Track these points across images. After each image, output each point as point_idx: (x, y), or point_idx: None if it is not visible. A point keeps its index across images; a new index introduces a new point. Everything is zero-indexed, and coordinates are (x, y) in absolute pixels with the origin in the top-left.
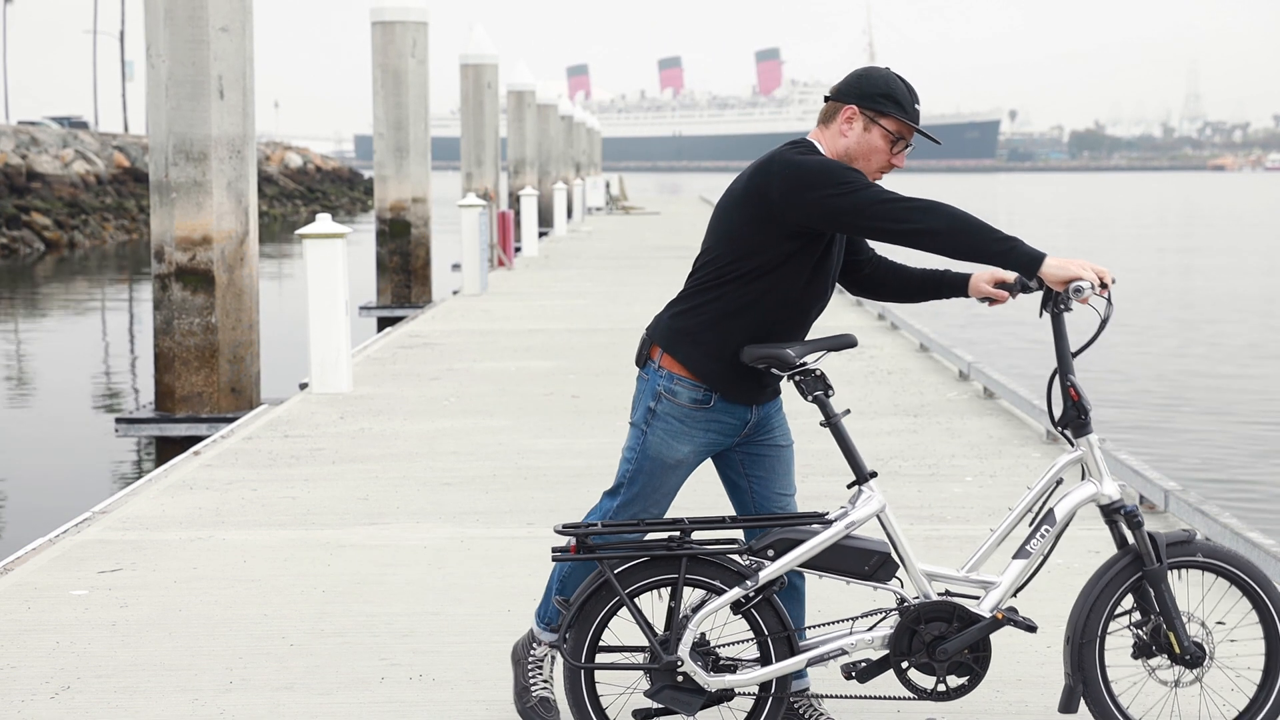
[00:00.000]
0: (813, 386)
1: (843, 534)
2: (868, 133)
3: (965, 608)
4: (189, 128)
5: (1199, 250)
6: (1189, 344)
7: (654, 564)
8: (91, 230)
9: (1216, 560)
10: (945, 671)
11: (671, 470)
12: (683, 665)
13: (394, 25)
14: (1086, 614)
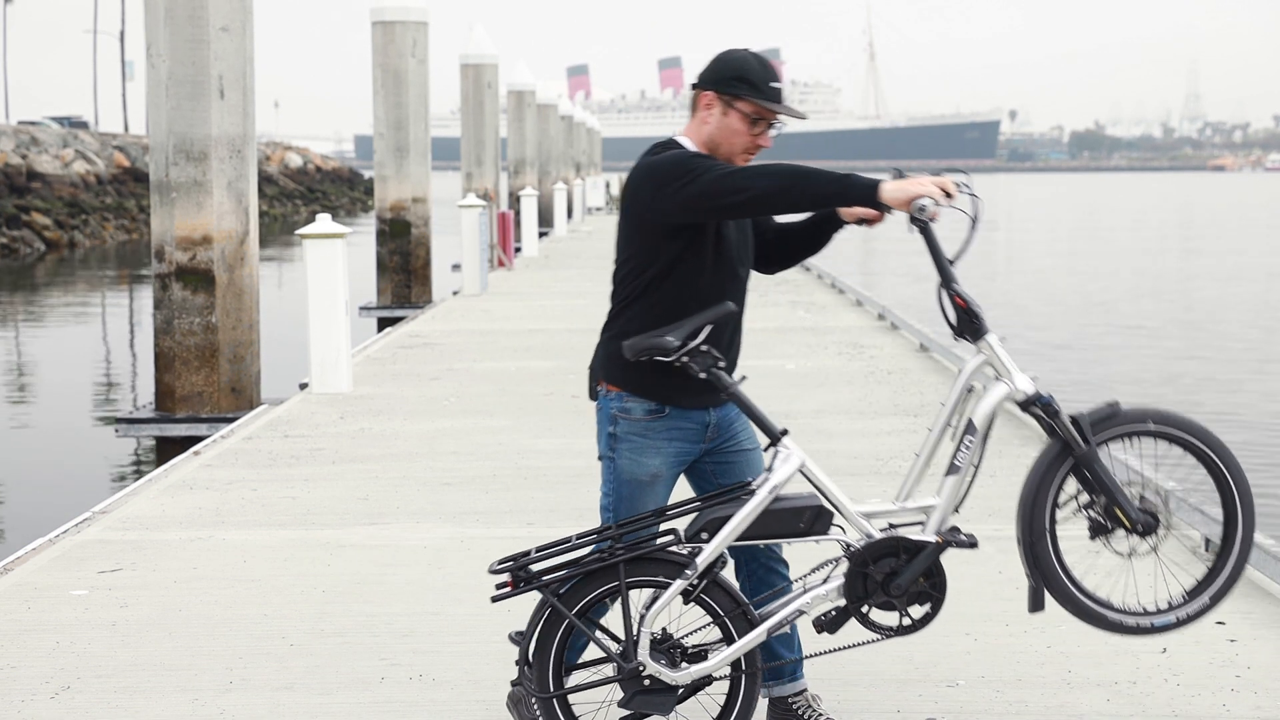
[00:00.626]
0: (702, 363)
1: (769, 498)
2: (726, 117)
3: (908, 538)
4: (189, 127)
5: (1199, 250)
6: (1189, 344)
7: (594, 577)
8: (92, 230)
9: (1170, 428)
10: (905, 605)
11: (648, 488)
12: (645, 669)
13: (394, 25)
14: (1030, 511)
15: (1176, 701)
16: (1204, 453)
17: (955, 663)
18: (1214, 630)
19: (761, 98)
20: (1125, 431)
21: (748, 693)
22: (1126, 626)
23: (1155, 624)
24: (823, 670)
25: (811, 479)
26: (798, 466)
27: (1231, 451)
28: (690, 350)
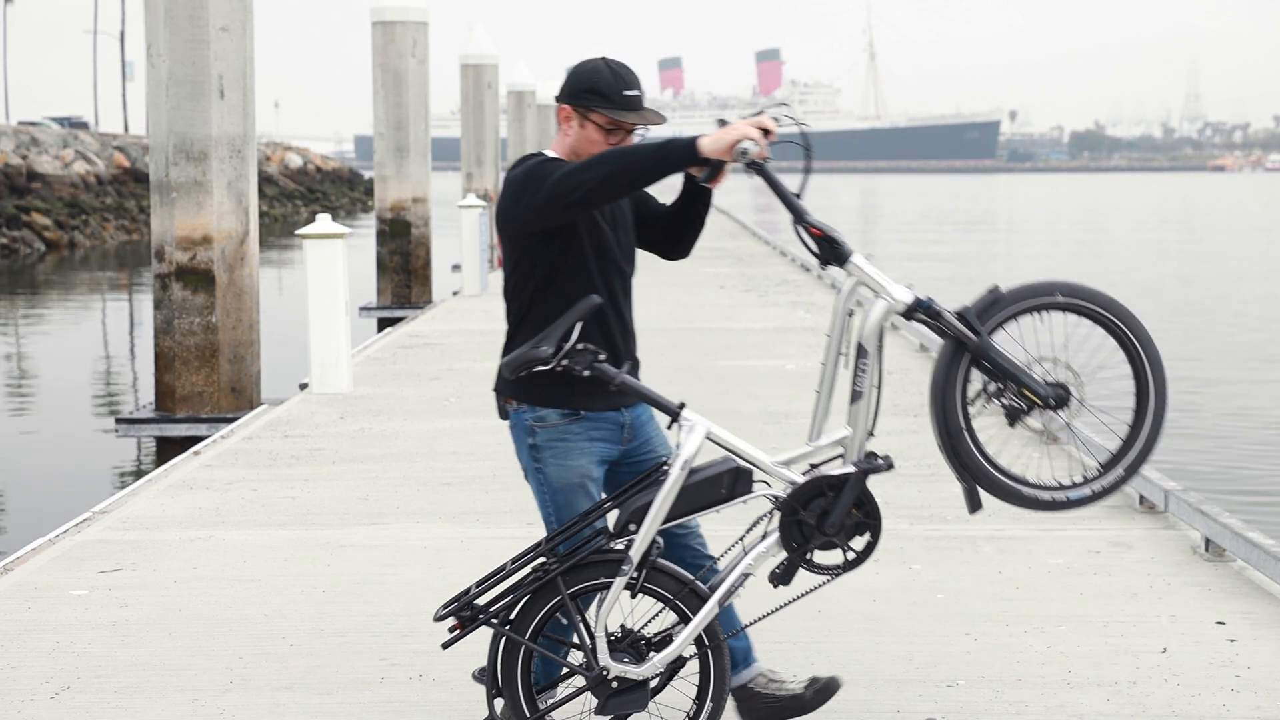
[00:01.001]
0: (583, 361)
1: (683, 474)
2: (583, 129)
3: (830, 475)
4: (189, 127)
5: (1199, 251)
6: (1190, 345)
7: (538, 596)
8: (92, 230)
9: (1078, 300)
10: (845, 541)
11: (582, 490)
12: (610, 672)
13: (394, 25)
14: (942, 414)
15: (1176, 701)
16: (1113, 323)
17: (955, 663)
18: (1214, 630)
19: (613, 108)
20: (1032, 306)
21: (718, 665)
22: (1041, 501)
23: (1070, 497)
24: (822, 670)
25: (720, 442)
26: (704, 435)
27: (1141, 322)
28: (567, 353)
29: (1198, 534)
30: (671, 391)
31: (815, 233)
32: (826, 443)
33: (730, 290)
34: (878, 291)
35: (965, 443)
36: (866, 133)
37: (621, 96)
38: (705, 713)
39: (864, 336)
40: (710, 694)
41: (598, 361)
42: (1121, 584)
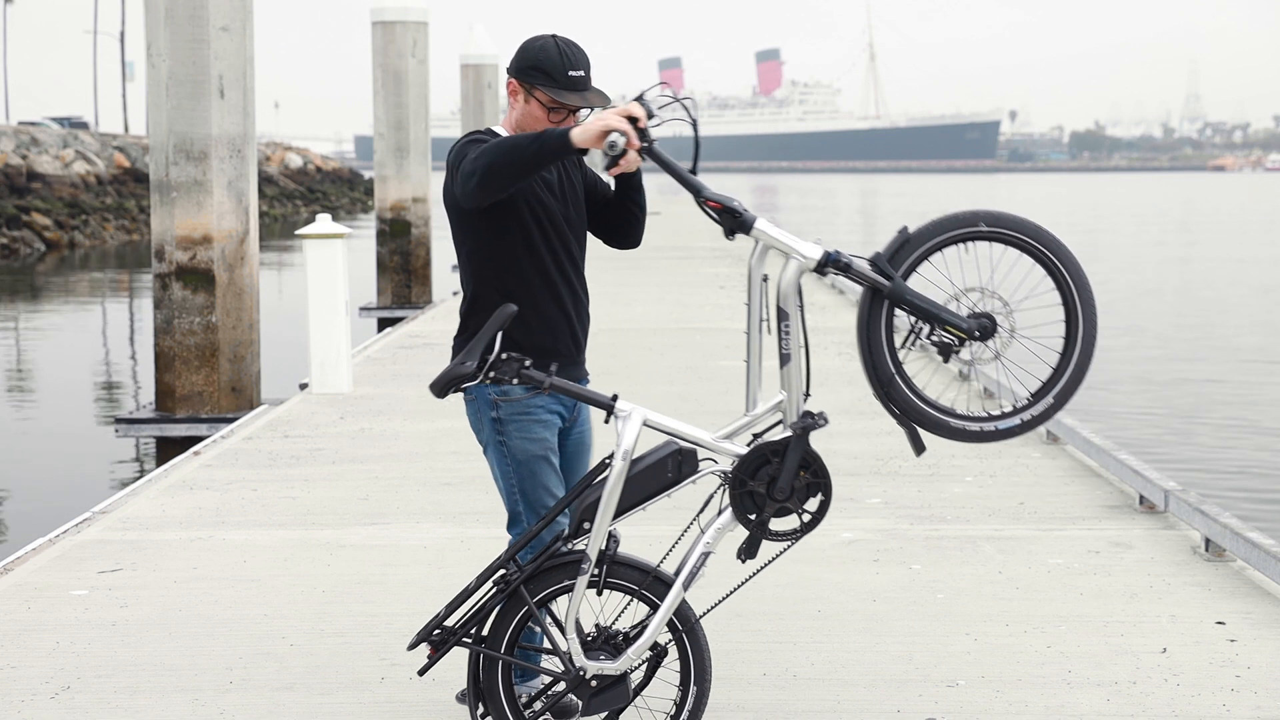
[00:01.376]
0: (510, 370)
1: (626, 465)
2: (528, 104)
3: (772, 441)
4: (189, 127)
5: (1199, 251)
6: (1190, 345)
7: (505, 610)
8: (92, 230)
9: (1002, 229)
10: (798, 504)
11: (544, 461)
12: (587, 672)
13: (394, 25)
14: (870, 363)
15: (1176, 701)
16: (1040, 251)
17: (955, 663)
18: (1214, 630)
19: (556, 87)
20: (956, 238)
21: (695, 648)
22: (970, 433)
23: (999, 428)
24: (822, 670)
25: (658, 427)
26: (641, 422)
27: (1068, 249)
28: (492, 365)
29: (1198, 534)
30: (672, 392)
31: (715, 206)
32: (763, 410)
33: (731, 290)
34: (787, 253)
35: (899, 388)
36: (866, 133)
37: (566, 77)
38: (690, 697)
39: (782, 299)
40: (693, 678)
41: (524, 369)
42: (1121, 584)
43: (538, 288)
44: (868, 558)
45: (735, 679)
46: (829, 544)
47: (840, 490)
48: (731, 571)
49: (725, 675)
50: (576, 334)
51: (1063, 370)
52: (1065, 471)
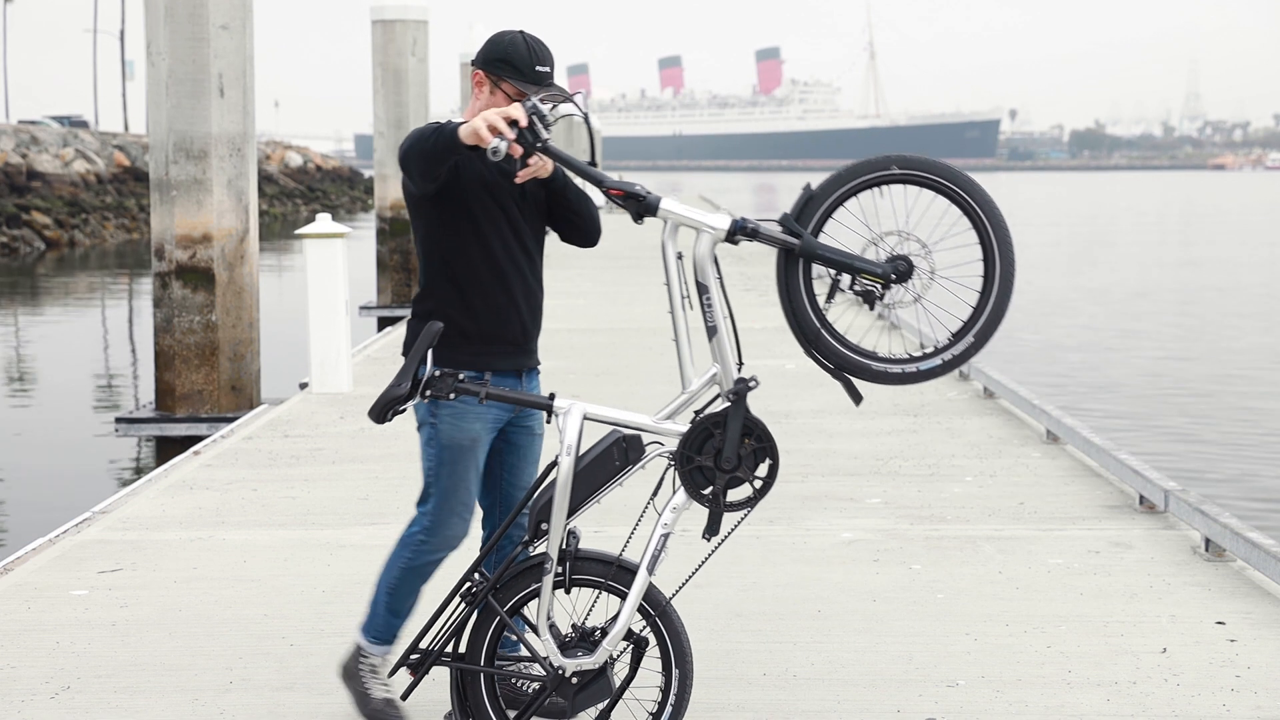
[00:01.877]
0: (445, 387)
1: (573, 460)
2: (494, 95)
3: (713, 414)
4: (189, 125)
5: (1200, 250)
6: (1190, 344)
7: (479, 624)
8: (92, 229)
9: (914, 170)
10: (749, 471)
11: (469, 453)
12: (566, 670)
13: (394, 24)
14: (795, 323)
15: (1176, 701)
16: (954, 191)
17: (955, 663)
18: (1214, 630)
19: (523, 80)
20: (869, 182)
21: (670, 629)
22: (892, 375)
23: (921, 369)
24: (822, 670)
25: (599, 418)
26: (581, 417)
27: (982, 188)
28: (427, 383)
29: (1198, 534)
30: (671, 392)
31: (618, 194)
32: (699, 385)
33: (730, 290)
34: (697, 227)
35: (825, 342)
36: (866, 131)
37: (533, 71)
38: (674, 680)
39: (699, 273)
40: (673, 660)
41: (459, 383)
42: (1121, 584)
43: (486, 277)
44: (868, 558)
45: (735, 679)
46: (829, 544)
47: (840, 490)
48: (697, 552)
49: (725, 675)
50: (525, 323)
51: (982, 309)
52: (1065, 471)
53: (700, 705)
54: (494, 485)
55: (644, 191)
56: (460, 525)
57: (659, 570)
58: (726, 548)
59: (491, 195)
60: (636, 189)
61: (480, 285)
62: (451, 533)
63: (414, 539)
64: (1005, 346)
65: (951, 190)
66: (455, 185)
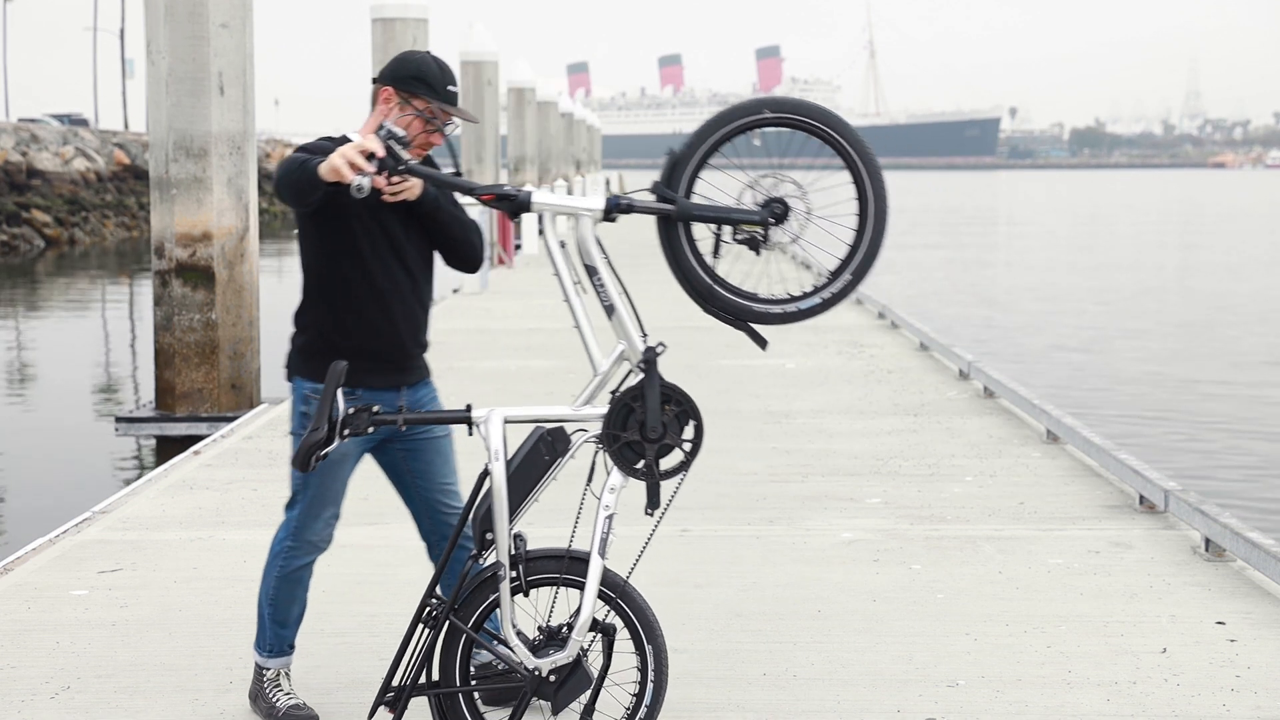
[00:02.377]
0: (362, 423)
1: (503, 466)
2: (402, 112)
3: (628, 389)
4: (189, 124)
5: (1200, 250)
6: (1191, 344)
7: (447, 645)
8: (91, 227)
9: (786, 113)
10: (676, 438)
11: (337, 465)
12: (541, 670)
13: (394, 22)
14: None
15: (1176, 701)
16: (825, 132)
17: (955, 663)
18: (1214, 630)
19: (437, 99)
20: (741, 127)
21: (634, 608)
22: (773, 315)
23: (801, 308)
24: (822, 670)
25: (520, 419)
26: (502, 422)
27: (852, 127)
28: (345, 422)
29: (1198, 534)
30: None
31: (490, 198)
32: (608, 365)
33: None
34: (574, 213)
35: (719, 296)
36: (867, 130)
37: (445, 90)
38: (649, 657)
39: (585, 256)
40: (643, 638)
41: (375, 415)
42: (1121, 584)
43: (363, 296)
44: (868, 558)
45: (735, 679)
46: (829, 544)
47: (840, 490)
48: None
49: (725, 675)
50: (404, 342)
51: (858, 247)
52: (1065, 471)
53: (700, 705)
54: (412, 494)
55: (514, 190)
56: (325, 530)
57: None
58: (727, 548)
59: (373, 214)
60: (506, 189)
61: (356, 304)
62: (317, 538)
63: (283, 546)
64: (1005, 347)
65: (824, 131)
66: (335, 204)
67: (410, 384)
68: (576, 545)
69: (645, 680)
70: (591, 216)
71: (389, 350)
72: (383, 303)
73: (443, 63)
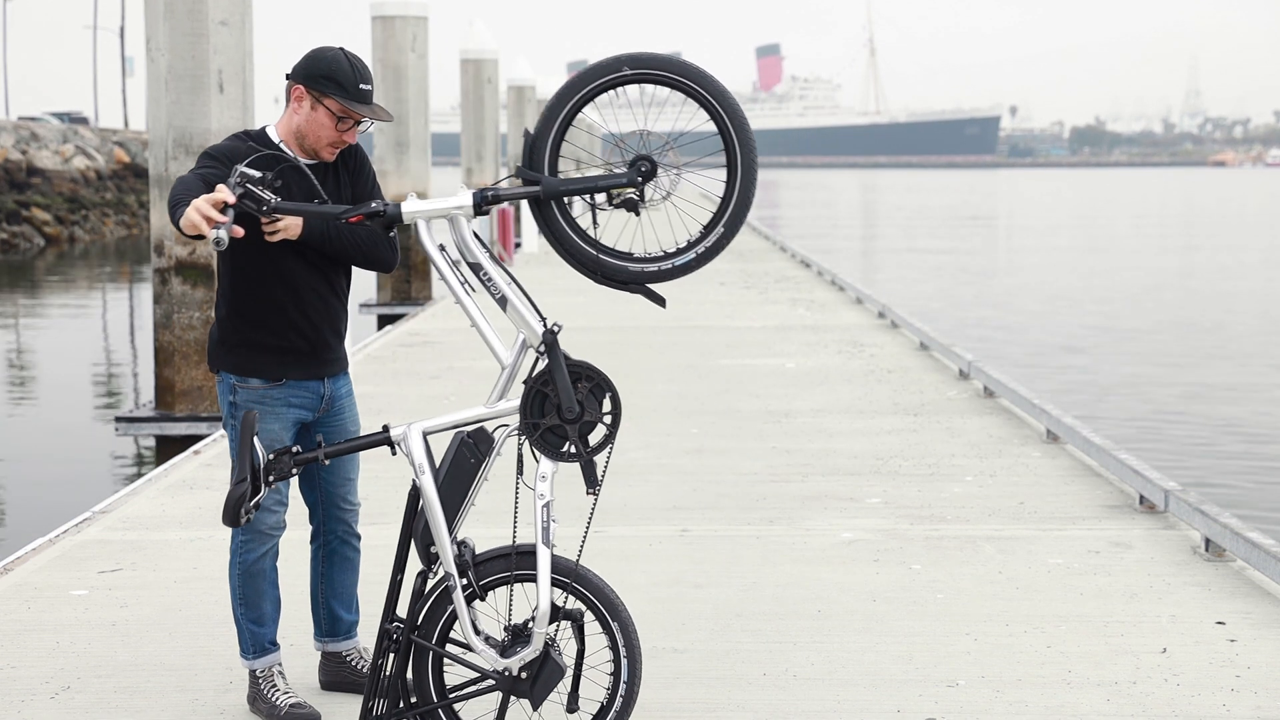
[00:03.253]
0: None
1: (430, 479)
2: (314, 111)
3: (537, 374)
4: (189, 121)
5: (1201, 250)
6: (1191, 343)
7: (417, 666)
8: (91, 225)
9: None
10: (595, 413)
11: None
12: (512, 670)
13: (394, 20)
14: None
15: (1176, 701)
16: (686, 85)
17: (955, 663)
18: (1214, 630)
19: (348, 99)
20: (602, 87)
21: (590, 588)
22: (649, 273)
23: (676, 264)
24: (821, 670)
25: (437, 429)
26: (421, 435)
27: (714, 78)
28: (268, 470)
29: (1198, 534)
30: (672, 390)
31: (357, 219)
32: (513, 356)
33: (730, 287)
34: (446, 215)
35: (606, 264)
36: (866, 129)
37: (357, 89)
38: (617, 633)
39: (466, 254)
40: (607, 616)
41: (296, 457)
42: (1121, 584)
43: (281, 298)
44: (868, 558)
45: (735, 679)
46: (829, 544)
47: (840, 490)
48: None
49: (725, 675)
50: (326, 338)
51: (729, 199)
52: (1065, 471)
53: (700, 705)
54: (314, 484)
55: (381, 206)
56: (271, 517)
57: (658, 570)
58: (726, 548)
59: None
60: (373, 206)
61: (275, 302)
62: (265, 527)
63: (237, 543)
64: (1006, 346)
65: (685, 84)
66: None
67: (331, 375)
68: (522, 540)
69: (618, 657)
70: (464, 214)
71: (308, 345)
72: (299, 300)
73: (357, 60)
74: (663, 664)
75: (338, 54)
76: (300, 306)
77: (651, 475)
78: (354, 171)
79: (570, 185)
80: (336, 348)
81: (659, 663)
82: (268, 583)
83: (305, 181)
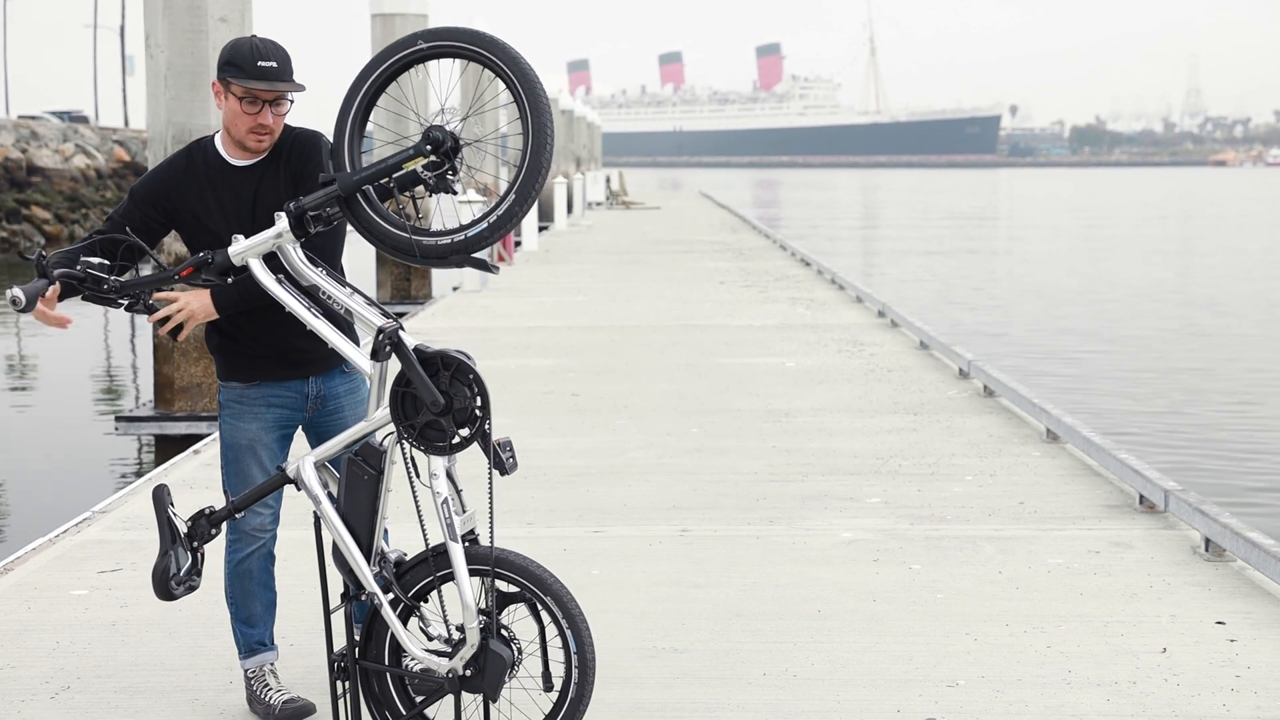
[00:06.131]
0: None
1: (329, 505)
2: (229, 101)
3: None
4: (188, 118)
5: (1202, 251)
6: (1192, 343)
7: (369, 691)
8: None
9: (441, 41)
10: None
11: (250, 452)
12: (456, 670)
13: (394, 18)
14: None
15: (1176, 701)
16: (479, 54)
17: (955, 663)
18: (1214, 630)
19: (245, 77)
20: (401, 65)
21: (515, 570)
22: (442, 247)
23: (468, 235)
24: (821, 670)
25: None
26: (313, 466)
27: (506, 45)
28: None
29: (1198, 534)
30: (671, 390)
31: (187, 273)
32: (369, 365)
33: (730, 286)
34: (272, 246)
35: (425, 244)
36: (867, 128)
37: (255, 66)
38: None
39: (300, 278)
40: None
41: (212, 515)
42: (1121, 584)
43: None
44: (868, 558)
45: (735, 679)
46: (829, 544)
47: (840, 490)
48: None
49: (725, 675)
50: (290, 341)
51: (521, 169)
52: (1065, 471)
53: (700, 705)
54: None
55: (209, 256)
56: (257, 519)
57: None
58: (726, 548)
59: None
60: (201, 256)
61: (251, 314)
62: (251, 527)
63: (228, 543)
64: (1005, 347)
65: (478, 54)
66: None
67: (316, 374)
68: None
69: (561, 630)
70: (285, 237)
71: (273, 350)
72: (261, 310)
73: (261, 41)
74: (663, 664)
75: (239, 39)
76: (263, 313)
77: (651, 475)
78: (297, 173)
79: (365, 174)
80: (312, 349)
81: (659, 663)
82: (256, 583)
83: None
